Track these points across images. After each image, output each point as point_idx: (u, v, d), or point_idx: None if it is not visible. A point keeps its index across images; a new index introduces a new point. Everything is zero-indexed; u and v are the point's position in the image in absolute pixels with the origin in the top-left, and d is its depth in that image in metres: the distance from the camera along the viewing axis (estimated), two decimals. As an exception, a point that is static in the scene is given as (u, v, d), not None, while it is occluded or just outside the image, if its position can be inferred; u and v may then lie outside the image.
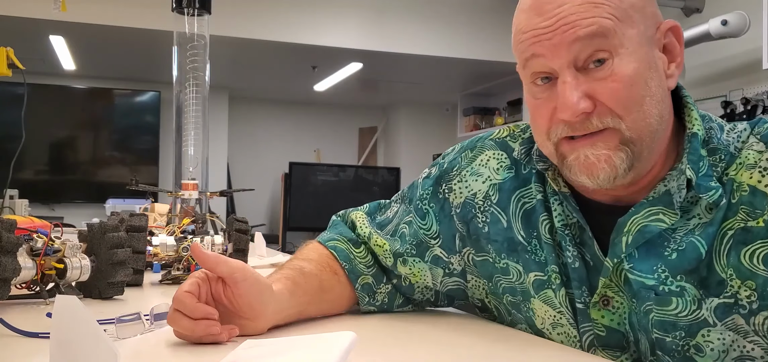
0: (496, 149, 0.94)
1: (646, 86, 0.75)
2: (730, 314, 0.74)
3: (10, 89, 5.29)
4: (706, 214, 0.76)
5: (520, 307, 0.90)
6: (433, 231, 0.96)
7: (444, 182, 0.97)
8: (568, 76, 0.74)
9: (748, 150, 0.78)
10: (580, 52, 0.74)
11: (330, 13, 4.75)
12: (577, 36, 0.73)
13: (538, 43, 0.75)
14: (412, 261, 0.95)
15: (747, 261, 0.73)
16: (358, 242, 0.99)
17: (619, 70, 0.73)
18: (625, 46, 0.74)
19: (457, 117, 6.70)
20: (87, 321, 0.54)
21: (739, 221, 0.75)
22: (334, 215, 1.08)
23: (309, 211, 6.65)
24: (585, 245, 0.83)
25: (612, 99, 0.74)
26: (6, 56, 2.21)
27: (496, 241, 0.90)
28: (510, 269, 0.89)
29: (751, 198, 0.75)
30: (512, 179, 0.91)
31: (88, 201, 6.07)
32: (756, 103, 3.51)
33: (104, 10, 4.24)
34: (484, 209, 0.92)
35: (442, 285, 0.97)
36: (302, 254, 0.98)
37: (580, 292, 0.82)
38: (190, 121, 1.71)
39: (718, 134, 0.80)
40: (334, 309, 0.95)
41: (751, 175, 0.76)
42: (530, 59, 0.77)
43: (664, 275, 0.76)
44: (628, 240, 0.77)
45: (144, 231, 1.10)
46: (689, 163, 0.76)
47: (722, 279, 0.75)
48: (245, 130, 7.36)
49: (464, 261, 0.95)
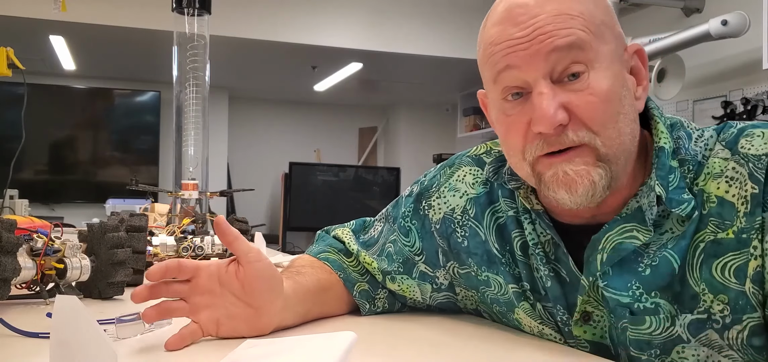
0: (473, 165, 0.94)
1: (620, 103, 0.73)
2: (703, 330, 0.73)
3: (10, 89, 5.29)
4: (678, 227, 0.74)
5: (507, 316, 0.90)
6: (417, 248, 0.96)
7: (424, 199, 0.97)
8: (544, 87, 0.71)
9: (714, 158, 0.76)
10: (557, 64, 0.71)
11: (330, 13, 4.75)
12: (555, 46, 0.71)
13: (512, 54, 0.73)
14: (400, 278, 0.96)
15: (719, 275, 0.72)
16: (349, 252, 0.99)
17: (595, 84, 0.72)
18: (599, 61, 0.72)
19: (457, 117, 6.70)
20: (87, 321, 0.55)
21: (709, 233, 0.73)
22: (320, 230, 1.08)
23: (309, 211, 6.65)
24: (560, 261, 0.82)
25: (588, 112, 0.71)
26: (6, 56, 2.22)
27: (476, 254, 0.90)
28: (491, 281, 0.89)
29: (720, 210, 0.73)
30: (486, 194, 0.91)
31: (88, 201, 6.08)
32: (756, 103, 3.50)
33: (104, 10, 4.25)
34: (462, 223, 0.92)
35: (432, 299, 0.97)
36: (294, 264, 0.97)
37: (555, 310, 0.82)
38: (190, 121, 1.71)
39: (685, 143, 0.78)
40: (337, 309, 0.94)
41: (718, 185, 0.74)
42: (503, 71, 0.74)
43: (639, 292, 0.75)
44: (603, 258, 0.76)
45: (144, 231, 1.10)
46: (658, 178, 0.74)
47: (696, 293, 0.73)
48: (245, 130, 7.37)
49: (450, 274, 0.95)
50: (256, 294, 0.78)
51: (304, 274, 0.90)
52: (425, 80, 6.15)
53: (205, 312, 0.77)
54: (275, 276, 0.80)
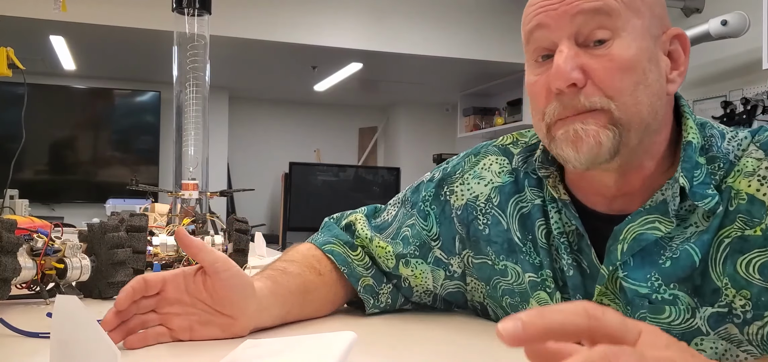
0: (499, 154, 0.95)
1: (643, 75, 0.74)
2: (723, 323, 0.74)
3: (10, 89, 5.29)
4: (703, 222, 0.76)
5: (518, 309, 0.90)
6: (434, 233, 0.96)
7: (446, 184, 0.98)
8: (565, 46, 0.74)
9: (747, 157, 0.77)
10: (582, 26, 0.74)
11: (330, 13, 4.75)
12: (581, 8, 0.73)
13: (542, 13, 0.76)
14: (414, 262, 0.96)
15: (743, 271, 0.73)
16: (354, 245, 0.99)
17: (616, 52, 0.74)
18: (627, 31, 0.74)
19: (457, 117, 6.70)
20: (87, 321, 0.55)
21: (736, 229, 0.74)
22: (327, 218, 1.07)
23: (309, 211, 6.65)
24: (582, 252, 0.83)
25: (605, 78, 0.73)
26: (6, 56, 2.22)
27: (496, 243, 0.91)
28: (508, 270, 0.90)
29: (749, 207, 0.74)
30: (512, 184, 0.91)
31: (88, 201, 6.08)
32: (756, 103, 3.50)
33: (104, 10, 4.25)
34: (485, 211, 0.92)
35: (443, 288, 0.97)
36: (286, 256, 0.96)
37: (574, 299, 0.82)
38: (190, 121, 1.71)
39: (718, 142, 0.79)
40: (318, 311, 0.93)
41: (749, 183, 0.75)
42: (534, 31, 0.77)
43: (657, 283, 0.76)
44: (624, 247, 0.77)
45: (144, 231, 1.10)
46: (683, 171, 0.75)
47: (717, 288, 0.74)
48: (245, 130, 7.37)
49: (464, 263, 0.95)
50: (226, 303, 0.77)
51: (289, 274, 0.89)
52: (425, 80, 6.15)
53: (177, 320, 0.76)
54: (245, 282, 0.78)
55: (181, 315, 0.76)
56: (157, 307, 0.76)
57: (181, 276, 0.77)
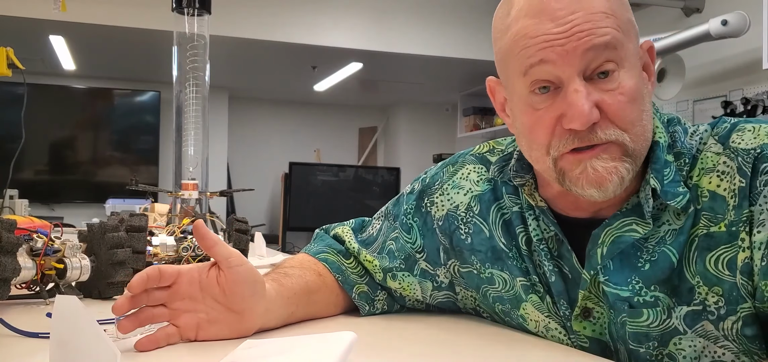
0: (477, 163, 0.95)
1: (643, 101, 0.75)
2: (699, 321, 0.75)
3: (10, 89, 5.29)
4: (675, 220, 0.76)
5: (511, 315, 0.90)
6: (418, 245, 0.96)
7: (426, 196, 0.97)
8: (579, 84, 0.72)
9: (707, 152, 0.78)
10: (592, 62, 0.72)
11: (330, 13, 4.75)
12: (593, 44, 0.71)
13: (548, 48, 0.72)
14: (401, 275, 0.96)
15: (712, 267, 0.74)
16: (348, 254, 0.99)
17: (624, 84, 0.73)
18: (628, 60, 0.74)
19: (457, 117, 6.70)
20: (87, 321, 0.54)
21: (702, 227, 0.75)
22: (318, 229, 1.07)
23: (309, 211, 6.65)
24: (563, 258, 0.83)
25: (618, 112, 0.73)
26: (6, 56, 2.22)
27: (480, 251, 0.90)
28: (495, 278, 0.90)
29: (712, 204, 0.75)
30: (491, 191, 0.91)
31: (88, 201, 6.08)
32: (756, 102, 3.50)
33: (104, 10, 4.24)
34: (467, 220, 0.92)
35: (433, 298, 0.97)
36: (284, 264, 0.96)
37: (559, 305, 0.83)
38: (190, 121, 1.71)
39: (681, 137, 0.80)
40: (322, 312, 0.93)
41: (709, 180, 0.76)
42: (536, 65, 0.74)
43: (638, 286, 0.77)
44: (603, 251, 0.78)
45: (144, 231, 1.10)
46: (653, 172, 0.76)
47: (692, 286, 0.75)
48: (245, 130, 7.36)
49: (451, 273, 0.95)
50: (237, 298, 0.77)
51: (291, 276, 0.89)
52: (425, 80, 6.15)
53: (185, 317, 0.76)
54: (257, 279, 0.79)
55: (189, 311, 0.76)
56: (168, 301, 0.76)
57: (195, 270, 0.77)
